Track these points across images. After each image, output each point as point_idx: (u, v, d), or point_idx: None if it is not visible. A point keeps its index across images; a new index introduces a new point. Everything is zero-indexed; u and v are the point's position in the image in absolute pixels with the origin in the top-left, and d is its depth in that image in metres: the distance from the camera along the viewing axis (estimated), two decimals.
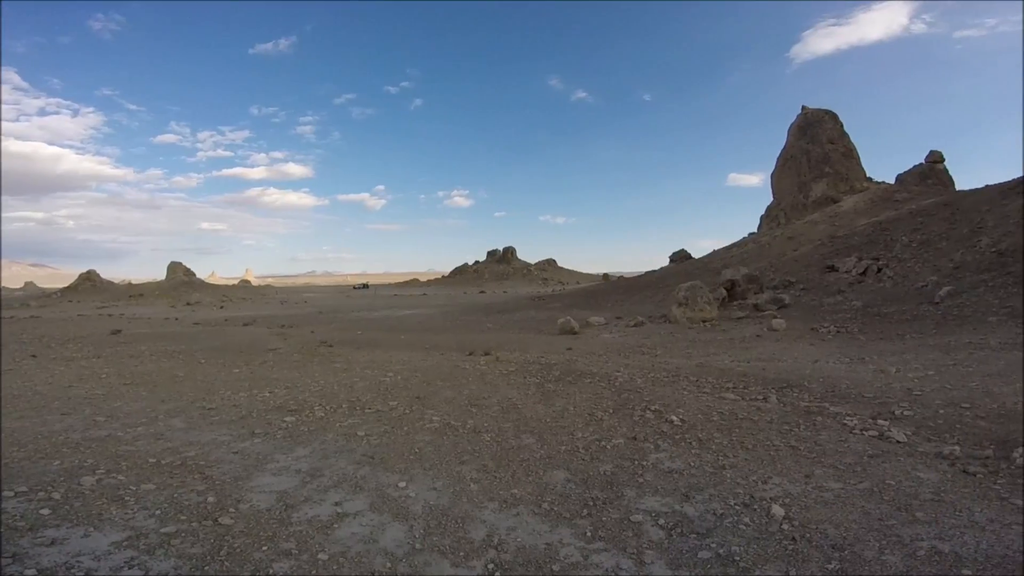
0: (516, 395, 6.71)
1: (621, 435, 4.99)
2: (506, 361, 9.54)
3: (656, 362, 9.36)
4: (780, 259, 24.70)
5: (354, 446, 4.91)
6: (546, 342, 13.70)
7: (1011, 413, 5.06)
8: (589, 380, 7.40)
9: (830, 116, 36.81)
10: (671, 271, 33.49)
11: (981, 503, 3.38)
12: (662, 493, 3.72)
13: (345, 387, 7.48)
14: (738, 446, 4.60)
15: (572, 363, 9.00)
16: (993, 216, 17.72)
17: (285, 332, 17.90)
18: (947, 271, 15.31)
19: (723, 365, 8.70)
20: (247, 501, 3.71)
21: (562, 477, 4.07)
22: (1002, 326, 10.43)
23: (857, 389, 6.43)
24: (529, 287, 70.76)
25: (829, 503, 3.45)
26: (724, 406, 5.86)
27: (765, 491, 3.67)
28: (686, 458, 4.36)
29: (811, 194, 35.18)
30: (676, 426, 5.17)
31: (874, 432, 4.80)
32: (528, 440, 4.96)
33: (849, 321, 13.46)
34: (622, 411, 5.79)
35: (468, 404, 6.34)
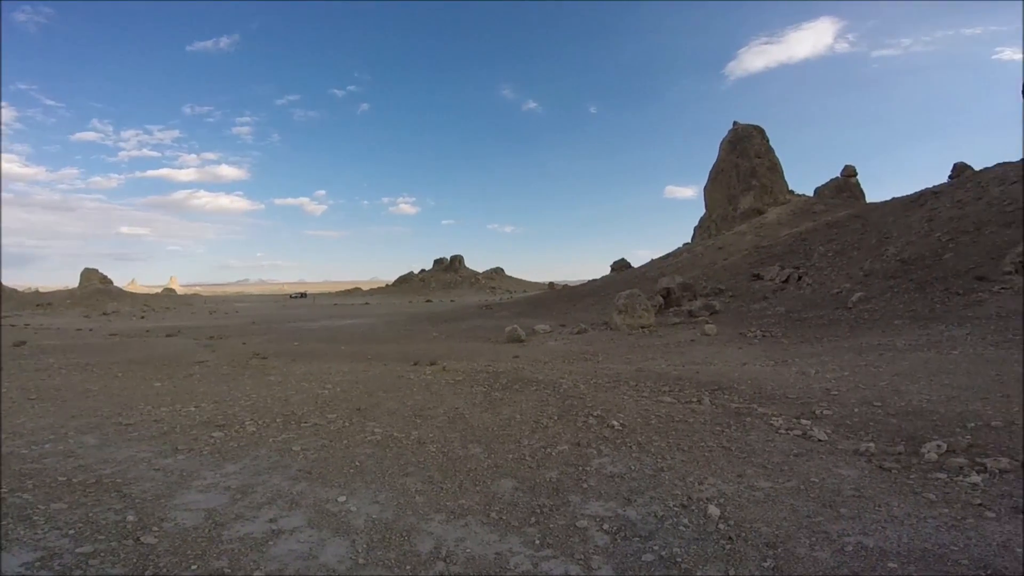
0: (463, 404, 6.66)
1: (566, 441, 5.07)
2: (453, 370, 9.46)
3: (598, 368, 9.59)
4: (711, 268, 26.09)
5: (289, 461, 4.72)
6: (493, 350, 13.70)
7: (917, 410, 5.55)
8: (535, 387, 7.47)
9: (758, 131, 39.39)
10: (612, 279, 34.53)
11: (898, 498, 3.62)
12: (605, 498, 3.81)
13: (279, 400, 7.15)
14: (675, 448, 4.79)
15: (519, 371, 9.05)
16: (898, 227, 19.60)
17: (214, 343, 16.87)
18: (858, 278, 16.73)
19: (660, 369, 9.04)
20: (171, 519, 3.51)
21: (510, 486, 4.08)
22: (906, 328, 11.52)
23: (782, 390, 6.86)
24: (477, 296, 70.62)
25: (761, 502, 3.63)
26: (662, 409, 6.09)
27: (701, 492, 3.83)
28: (627, 462, 4.48)
29: (739, 206, 37.44)
30: (617, 430, 5.31)
31: (798, 431, 5.13)
32: (475, 449, 4.94)
33: (773, 326, 14.39)
34: (566, 417, 5.88)
35: (412, 415, 6.23)
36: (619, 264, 42.07)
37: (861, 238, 20.44)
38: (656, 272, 29.26)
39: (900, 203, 22.97)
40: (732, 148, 39.24)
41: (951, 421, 5.06)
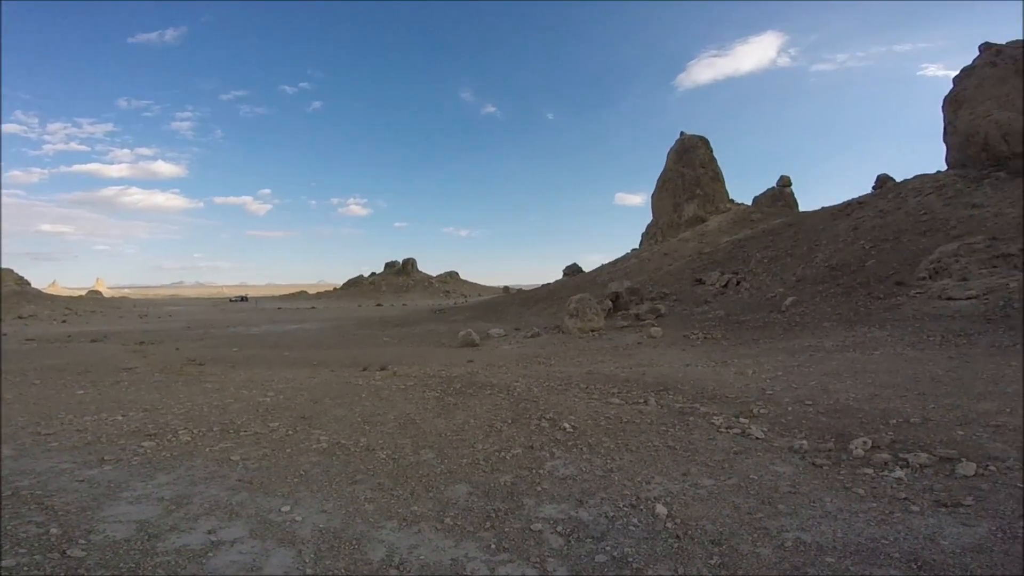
0: (414, 410, 6.58)
1: (519, 445, 5.11)
2: (404, 376, 9.31)
3: (551, 371, 9.72)
4: (657, 273, 27.04)
5: (228, 471, 4.52)
6: (447, 355, 13.59)
7: (844, 408, 5.96)
8: (489, 391, 7.48)
9: (703, 142, 41.19)
10: (564, 284, 35.09)
11: (830, 493, 3.83)
12: (558, 500, 3.86)
13: (217, 409, 6.83)
14: (623, 449, 4.92)
15: (473, 375, 9.03)
16: (826, 235, 21.03)
17: (144, 349, 15.83)
18: (791, 283, 17.82)
19: (609, 372, 9.28)
20: (100, 532, 3.32)
21: (464, 491, 4.07)
22: (834, 330, 12.37)
23: (722, 390, 7.20)
24: (430, 300, 69.81)
25: (704, 499, 3.79)
26: (611, 411, 6.25)
27: (649, 491, 3.95)
28: (578, 464, 4.57)
29: (684, 214, 39.01)
30: (569, 433, 5.41)
31: (737, 430, 5.39)
32: (428, 455, 4.89)
33: (714, 328, 15.08)
34: (520, 421, 5.93)
35: (361, 422, 6.09)
36: (571, 269, 42.84)
37: (794, 245, 21.79)
38: (606, 277, 29.98)
39: (829, 212, 24.66)
40: (679, 157, 40.85)
41: (875, 418, 5.46)
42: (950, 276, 13.08)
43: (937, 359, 8.40)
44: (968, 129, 21.50)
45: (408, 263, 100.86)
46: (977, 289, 12.09)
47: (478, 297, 60.84)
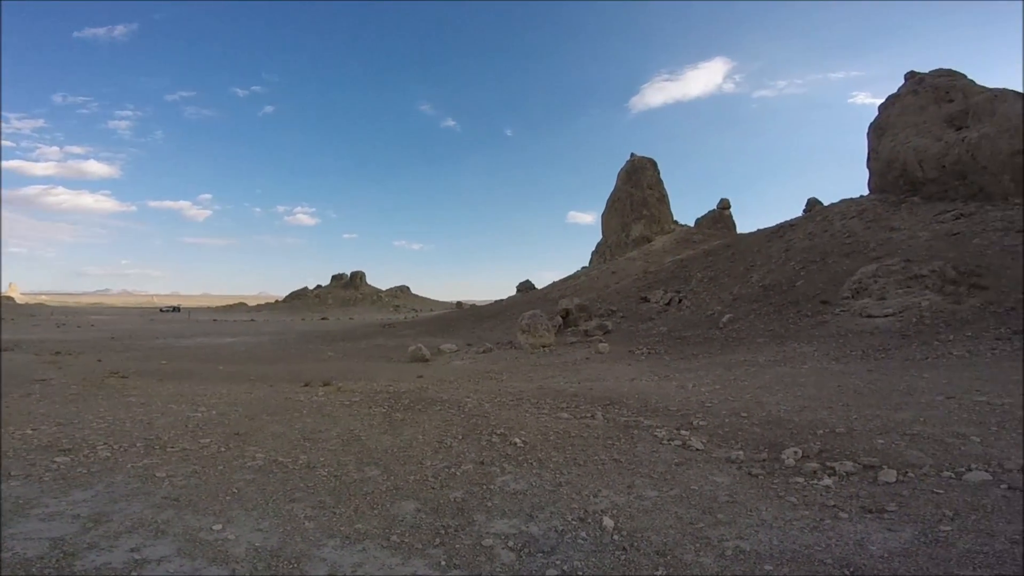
0: (359, 426, 6.40)
1: (470, 460, 5.07)
2: (349, 391, 9.04)
3: (502, 386, 9.73)
4: (606, 291, 27.77)
5: (152, 488, 4.28)
6: (396, 370, 13.32)
7: (776, 419, 6.29)
8: (439, 407, 7.39)
9: (651, 164, 42.97)
10: (517, 300, 35.36)
11: (765, 502, 4.01)
12: (509, 515, 3.86)
13: (141, 424, 6.43)
14: (572, 463, 4.99)
15: (423, 391, 8.90)
16: (761, 256, 22.35)
17: (60, 360, 14.55)
18: (728, 301, 18.77)
19: (559, 387, 9.40)
20: (9, 549, 3.12)
21: (412, 507, 3.99)
22: (767, 345, 13.10)
23: (664, 403, 7.45)
24: (379, 314, 68.16)
25: (649, 511, 3.88)
26: (559, 425, 6.33)
27: (596, 504, 4.01)
28: (528, 479, 4.59)
29: (631, 234, 40.41)
30: (519, 448, 5.42)
31: (679, 442, 5.58)
32: (373, 472, 4.76)
33: (658, 344, 15.63)
34: (471, 436, 5.89)
35: (301, 438, 5.87)
36: (524, 285, 43.32)
37: (731, 266, 23.02)
38: (557, 294, 30.48)
39: (764, 234, 26.27)
40: (628, 178, 42.40)
41: (804, 429, 5.79)
42: (870, 295, 14.21)
43: (859, 372, 9.07)
44: (889, 155, 23.52)
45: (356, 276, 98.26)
46: (893, 307, 13.20)
47: (430, 312, 60.11)
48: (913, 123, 23.16)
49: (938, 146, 21.28)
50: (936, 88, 23.20)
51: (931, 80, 23.79)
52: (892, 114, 24.60)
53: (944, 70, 24.23)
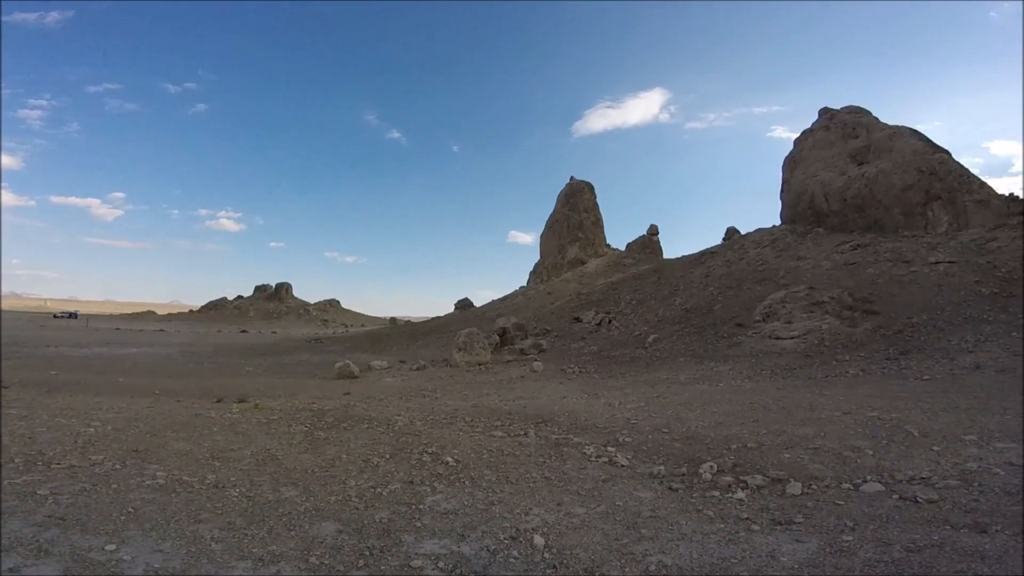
0: (276, 445, 6.04)
1: (398, 480, 4.92)
2: (267, 408, 8.52)
3: (436, 404, 9.57)
4: (542, 310, 28.26)
5: (33, 506, 3.85)
6: (320, 387, 12.72)
7: (694, 435, 6.63)
8: (367, 425, 7.13)
9: (589, 188, 44.54)
10: (455, 318, 35.11)
11: (685, 516, 4.16)
12: (440, 535, 3.77)
13: (21, 438, 5.76)
14: (504, 481, 4.97)
15: (349, 408, 8.55)
16: (684, 281, 23.69)
17: None
18: (653, 323, 19.70)
19: (494, 405, 9.39)
20: None
21: (332, 529, 3.80)
22: (688, 365, 13.84)
23: (593, 421, 7.65)
24: (306, 328, 64.88)
25: (577, 528, 3.93)
26: (493, 443, 6.30)
27: (527, 522, 4.02)
28: (460, 498, 4.51)
29: (567, 255, 41.56)
30: (451, 467, 5.33)
31: (605, 458, 5.73)
32: (290, 493, 4.50)
33: (588, 362, 16.06)
34: (400, 455, 5.72)
35: (209, 457, 5.46)
36: (463, 303, 43.12)
37: (657, 289, 24.23)
38: (495, 312, 30.60)
39: (687, 260, 27.92)
40: (566, 201, 43.70)
41: (719, 444, 6.14)
42: (778, 319, 15.45)
43: (768, 390, 9.79)
44: (799, 188, 25.76)
45: (282, 288, 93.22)
46: (798, 330, 14.42)
47: (361, 328, 58.13)
48: (822, 157, 25.44)
49: (842, 180, 23.57)
50: (844, 124, 25.47)
51: (841, 116, 26.17)
52: (805, 148, 26.88)
53: (854, 107, 26.54)
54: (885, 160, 22.02)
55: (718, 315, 17.98)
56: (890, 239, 19.86)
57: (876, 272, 17.32)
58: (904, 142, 22.04)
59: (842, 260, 19.31)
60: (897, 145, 22.12)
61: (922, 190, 20.21)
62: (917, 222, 20.11)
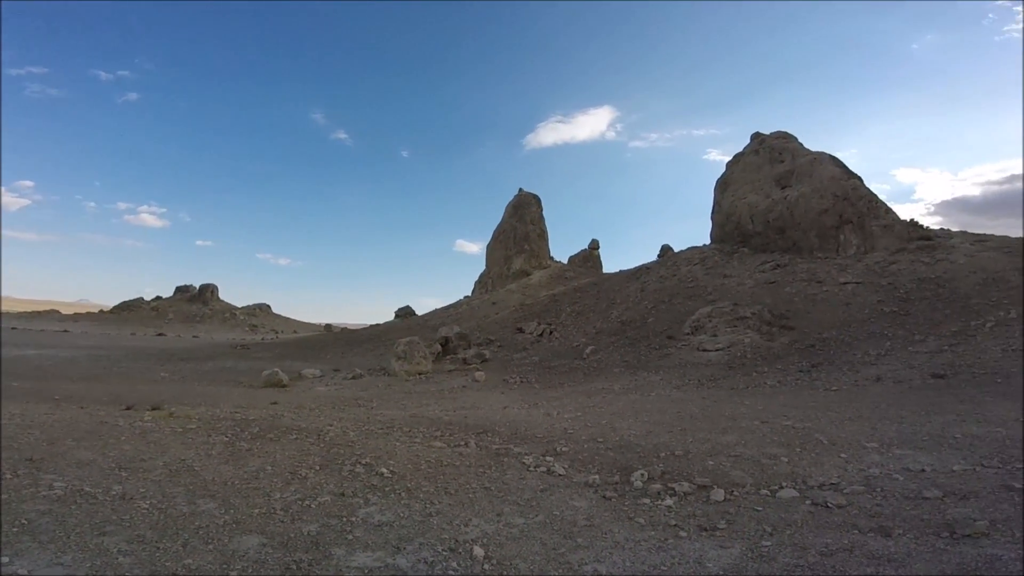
0: (193, 456, 5.65)
1: (328, 492, 4.73)
2: (184, 417, 7.95)
3: (372, 414, 9.29)
4: (485, 320, 28.26)
5: None
6: (245, 395, 12.01)
7: (627, 444, 6.82)
8: (295, 436, 6.81)
9: (536, 200, 45.09)
10: (395, 326, 34.32)
11: (618, 524, 4.27)
12: (373, 547, 3.66)
13: None
14: (443, 492, 4.91)
15: (276, 418, 8.13)
16: (621, 295, 24.51)
17: None
18: (592, 334, 20.23)
19: (433, 415, 9.25)
20: None
21: (255, 542, 3.60)
22: (622, 375, 14.29)
23: (532, 431, 7.71)
24: (231, 334, 60.93)
25: (516, 538, 3.94)
26: (432, 454, 6.21)
27: (467, 533, 3.98)
28: (396, 509, 4.40)
29: (512, 266, 41.85)
30: (386, 478, 5.20)
31: (543, 468, 5.79)
32: (207, 505, 4.24)
33: (529, 373, 16.22)
34: (330, 467, 5.50)
35: (115, 467, 5.05)
36: (404, 311, 42.24)
37: (596, 302, 24.92)
38: (438, 321, 30.22)
39: (624, 275, 28.94)
40: (514, 212, 44.04)
41: (650, 452, 6.37)
42: (705, 332, 16.33)
43: (694, 399, 10.29)
44: (728, 209, 27.33)
45: (207, 289, 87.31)
46: (723, 343, 15.30)
47: (293, 334, 55.51)
48: (750, 180, 27.14)
49: (766, 202, 25.28)
50: (772, 149, 27.23)
51: (770, 141, 27.98)
52: (735, 171, 28.57)
53: (782, 132, 28.39)
54: (806, 185, 23.81)
55: (651, 328, 18.73)
56: (806, 260, 21.55)
57: (793, 291, 18.73)
58: (823, 168, 23.91)
59: (763, 279, 20.74)
60: (817, 171, 23.96)
61: (836, 214, 22.03)
62: (830, 244, 21.89)
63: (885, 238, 20.59)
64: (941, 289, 15.93)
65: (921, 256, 18.77)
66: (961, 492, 4.64)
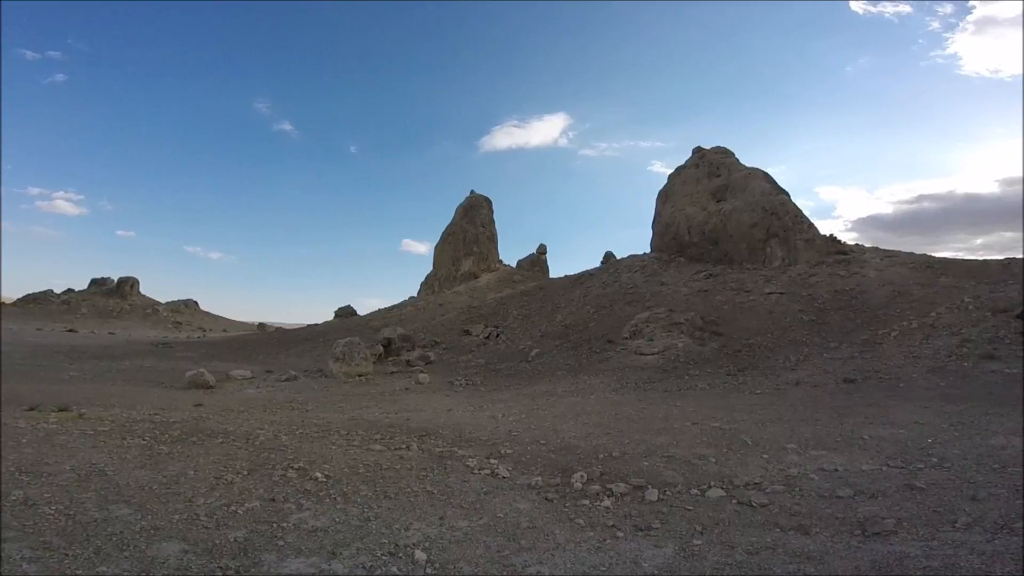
0: (105, 460, 5.25)
1: (257, 498, 4.51)
2: (96, 419, 7.35)
3: (307, 418, 8.94)
4: (431, 322, 27.90)
5: None
6: (166, 397, 11.22)
7: (568, 446, 6.94)
8: (221, 440, 6.44)
9: (487, 202, 44.99)
10: (334, 326, 33.13)
11: (559, 525, 4.32)
12: (307, 553, 3.53)
13: None
14: (382, 496, 4.79)
15: (201, 421, 7.65)
16: (565, 299, 24.97)
17: None
18: (537, 338, 20.47)
19: (373, 417, 9.02)
20: None
21: (176, 548, 3.41)
22: (565, 378, 14.54)
23: (477, 433, 7.70)
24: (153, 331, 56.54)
25: (460, 542, 3.91)
26: (371, 458, 6.04)
27: (408, 537, 3.90)
28: (331, 514, 4.25)
29: (461, 268, 41.57)
30: (321, 483, 5.01)
31: (487, 471, 5.78)
32: (122, 511, 3.97)
33: (475, 375, 16.18)
34: (260, 472, 5.25)
35: (16, 471, 4.65)
36: (344, 311, 40.87)
37: (542, 306, 25.26)
38: (381, 322, 29.47)
39: (569, 281, 29.50)
40: (465, 214, 43.75)
41: (589, 453, 6.51)
42: (642, 337, 16.95)
43: (631, 402, 10.65)
44: (668, 220, 28.46)
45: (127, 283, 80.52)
46: (658, 347, 15.94)
47: (223, 333, 52.35)
48: (689, 193, 28.40)
49: (703, 215, 26.58)
50: (711, 163, 28.59)
51: (710, 156, 29.35)
52: (676, 183, 29.81)
53: (720, 148, 29.85)
54: (739, 199, 25.26)
55: (593, 332, 19.21)
56: (736, 270, 22.86)
57: (723, 299, 19.81)
58: (756, 183, 25.45)
59: (697, 287, 21.80)
60: (750, 186, 25.48)
61: (764, 228, 23.51)
62: (758, 256, 23.33)
63: (807, 252, 22.19)
64: (854, 300, 17.37)
65: (837, 269, 20.38)
66: (870, 491, 5.02)
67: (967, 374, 10.93)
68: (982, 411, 8.14)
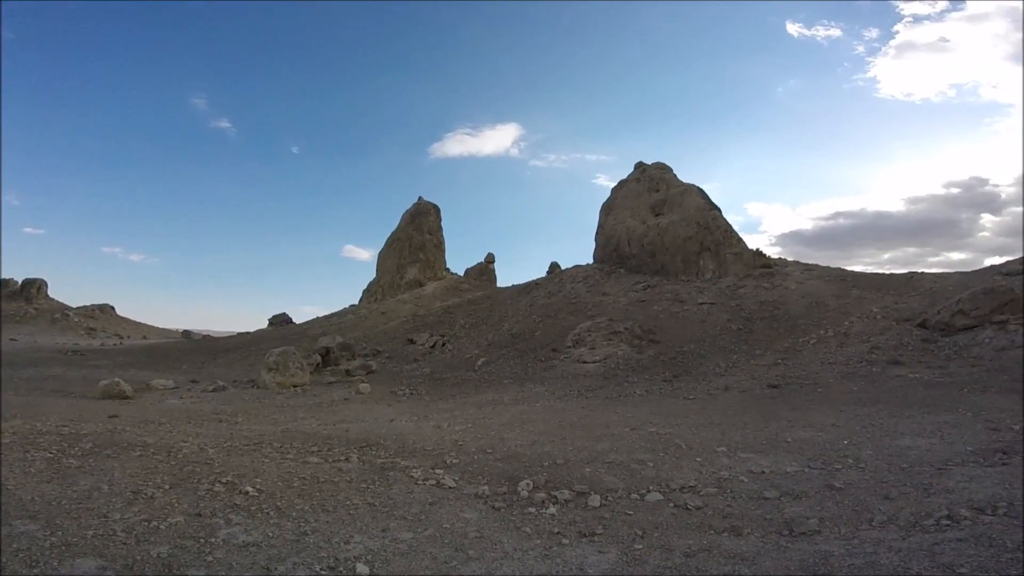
0: (6, 474, 4.78)
1: (181, 512, 4.21)
2: None
3: (235, 430, 8.44)
4: (373, 330, 27.17)
5: None
6: (76, 408, 10.25)
7: (514, 454, 6.95)
8: (139, 452, 5.97)
9: (435, 209, 44.41)
10: (267, 334, 31.56)
11: (507, 534, 4.31)
12: (238, 568, 3.34)
13: None
14: (319, 509, 4.60)
15: (116, 433, 7.05)
16: (512, 308, 25.11)
17: None
18: (484, 346, 20.43)
19: (310, 429, 8.65)
20: None
21: (92, 565, 3.17)
22: (511, 386, 14.59)
23: (421, 443, 7.55)
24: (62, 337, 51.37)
25: (405, 554, 3.81)
26: (307, 470, 5.79)
27: (348, 551, 3.77)
28: (264, 529, 4.04)
29: (406, 276, 40.78)
30: (252, 497, 4.74)
31: (433, 481, 5.68)
32: (28, 527, 3.64)
33: (419, 384, 15.90)
34: (183, 486, 4.90)
35: None
36: (279, 318, 39.02)
37: (489, 315, 25.27)
38: (319, 330, 28.33)
39: (516, 290, 29.71)
40: (412, 220, 42.98)
41: (534, 461, 6.55)
42: (585, 345, 17.34)
43: (574, 409, 10.84)
44: (610, 232, 29.36)
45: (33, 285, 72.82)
46: (600, 355, 16.35)
47: (142, 340, 48.47)
48: (630, 206, 29.50)
49: (642, 228, 27.67)
50: (651, 178, 29.83)
51: (650, 171, 30.57)
52: (619, 196, 30.86)
53: (660, 163, 31.08)
54: (676, 213, 26.57)
55: (538, 341, 19.43)
56: (671, 282, 23.93)
57: (659, 309, 20.65)
58: (691, 199, 26.87)
59: (636, 297, 22.61)
60: (686, 201, 26.86)
61: (698, 242, 24.83)
62: (692, 268, 24.57)
63: (735, 265, 23.61)
64: (777, 311, 18.61)
65: (763, 282, 21.80)
66: (795, 492, 5.34)
67: (876, 378, 11.95)
68: (889, 413, 8.91)
